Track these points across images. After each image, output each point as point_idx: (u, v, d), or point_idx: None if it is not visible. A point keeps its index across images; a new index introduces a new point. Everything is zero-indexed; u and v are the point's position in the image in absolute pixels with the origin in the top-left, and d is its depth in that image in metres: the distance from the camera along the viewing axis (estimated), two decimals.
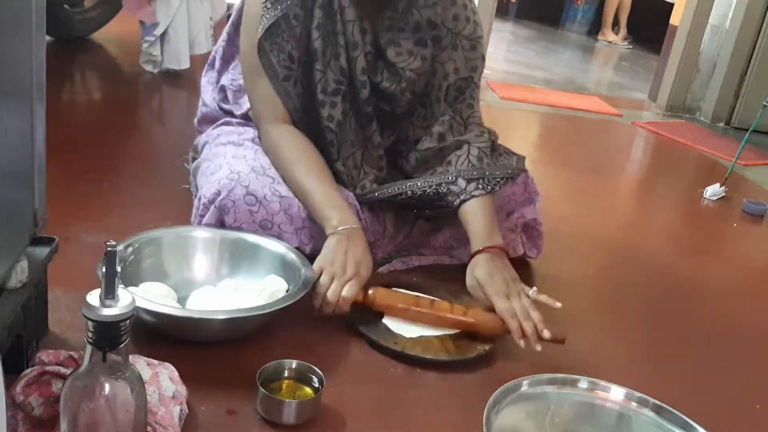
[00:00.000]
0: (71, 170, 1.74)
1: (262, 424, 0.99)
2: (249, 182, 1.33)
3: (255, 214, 1.33)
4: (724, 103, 3.80)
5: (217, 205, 1.32)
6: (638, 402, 1.12)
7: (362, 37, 1.40)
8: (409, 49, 1.44)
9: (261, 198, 1.33)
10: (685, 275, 1.81)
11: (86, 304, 0.70)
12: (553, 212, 1.63)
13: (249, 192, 1.32)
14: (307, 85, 1.42)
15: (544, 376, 1.11)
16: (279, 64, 1.38)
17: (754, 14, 3.64)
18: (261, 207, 1.33)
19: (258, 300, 1.19)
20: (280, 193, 1.35)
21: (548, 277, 1.62)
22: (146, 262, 1.23)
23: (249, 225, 1.33)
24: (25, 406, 0.85)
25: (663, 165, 3.02)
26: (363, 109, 1.46)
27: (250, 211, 1.32)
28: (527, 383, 1.08)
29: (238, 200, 1.31)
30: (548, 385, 1.11)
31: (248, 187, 1.32)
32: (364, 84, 1.42)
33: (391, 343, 1.21)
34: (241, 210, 1.32)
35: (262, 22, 1.35)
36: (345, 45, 1.39)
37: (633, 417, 1.11)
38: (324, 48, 1.38)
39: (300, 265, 1.26)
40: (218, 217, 1.33)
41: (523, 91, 3.83)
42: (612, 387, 1.13)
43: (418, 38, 1.44)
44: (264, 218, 1.33)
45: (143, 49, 2.75)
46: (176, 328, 1.12)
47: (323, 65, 1.39)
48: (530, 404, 1.07)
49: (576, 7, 7.16)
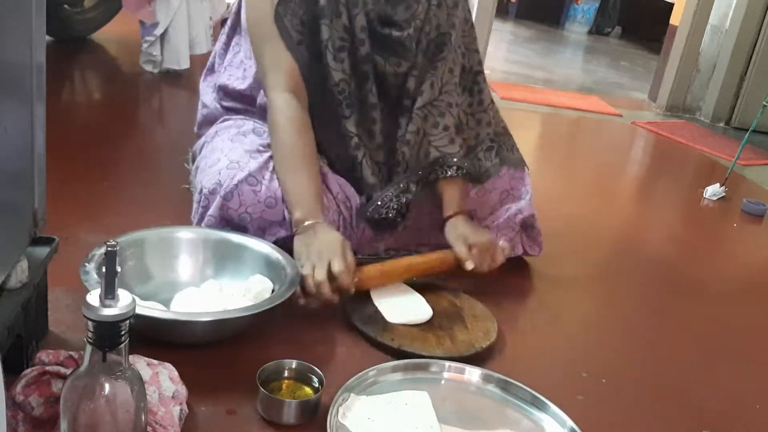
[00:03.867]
0: (71, 170, 1.74)
1: (262, 424, 0.99)
2: (248, 166, 1.36)
3: (258, 193, 1.35)
4: (724, 103, 3.81)
5: (221, 195, 1.33)
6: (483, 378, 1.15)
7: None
8: (408, 4, 1.46)
9: (261, 178, 1.35)
10: (684, 275, 1.81)
11: (86, 304, 0.70)
12: (553, 212, 1.63)
13: (250, 174, 1.35)
14: (312, 47, 1.43)
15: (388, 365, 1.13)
16: (293, 29, 1.40)
17: (754, 14, 3.65)
18: (262, 186, 1.35)
19: (243, 300, 1.19)
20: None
21: (548, 277, 1.62)
22: (129, 264, 1.21)
23: (254, 206, 1.34)
24: (25, 406, 0.85)
25: (663, 165, 3.02)
26: (360, 66, 1.47)
27: (253, 191, 1.34)
28: (374, 373, 1.10)
29: (241, 183, 1.34)
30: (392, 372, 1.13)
31: (248, 171, 1.35)
32: (362, 42, 1.44)
33: (388, 339, 1.21)
34: (244, 192, 1.34)
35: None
36: (346, 3, 1.41)
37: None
38: (327, 5, 1.40)
39: (285, 264, 1.25)
40: (222, 207, 1.34)
41: (524, 91, 3.83)
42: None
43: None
44: (268, 196, 1.35)
45: (143, 49, 2.75)
46: (161, 331, 1.10)
47: (328, 20, 1.41)
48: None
49: (576, 6, 7.16)
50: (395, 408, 1.03)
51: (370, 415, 1.00)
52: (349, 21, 1.42)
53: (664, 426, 1.17)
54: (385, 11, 1.45)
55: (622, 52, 6.29)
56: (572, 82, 4.49)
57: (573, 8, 7.19)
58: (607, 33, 7.27)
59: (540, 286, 1.59)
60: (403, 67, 1.49)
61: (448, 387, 1.13)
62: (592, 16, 7.14)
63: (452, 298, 1.38)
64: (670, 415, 1.20)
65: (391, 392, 1.07)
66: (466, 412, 1.08)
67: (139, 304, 1.06)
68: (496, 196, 1.57)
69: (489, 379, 1.14)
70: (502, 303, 1.43)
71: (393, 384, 1.10)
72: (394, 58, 1.48)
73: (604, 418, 1.15)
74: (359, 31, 1.43)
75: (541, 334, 1.40)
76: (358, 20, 1.43)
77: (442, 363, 1.16)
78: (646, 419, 1.17)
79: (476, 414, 1.08)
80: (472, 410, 1.09)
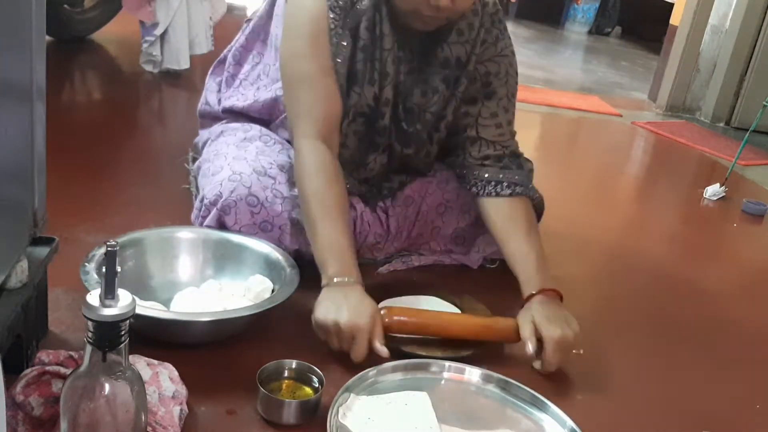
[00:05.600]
0: (71, 170, 1.74)
1: (262, 424, 0.99)
2: (251, 183, 1.32)
3: (256, 215, 1.32)
4: (724, 103, 3.81)
5: (218, 208, 1.31)
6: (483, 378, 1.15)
7: (394, 67, 1.37)
8: (434, 87, 1.41)
9: (263, 200, 1.32)
10: (684, 275, 1.81)
11: (86, 304, 0.70)
12: (553, 212, 1.63)
13: (251, 193, 1.31)
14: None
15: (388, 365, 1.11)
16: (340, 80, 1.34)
17: (754, 14, 3.64)
18: (263, 208, 1.32)
19: (243, 300, 1.18)
20: (282, 194, 1.33)
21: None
22: (129, 264, 1.20)
23: (249, 227, 1.32)
24: (25, 406, 0.85)
25: (663, 165, 3.02)
26: (375, 138, 1.44)
27: (251, 212, 1.31)
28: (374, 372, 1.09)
29: (240, 201, 1.30)
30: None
31: (250, 188, 1.31)
32: (383, 115, 1.40)
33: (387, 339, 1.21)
34: (242, 211, 1.31)
35: (339, 51, 1.31)
36: (380, 72, 1.37)
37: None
38: (363, 70, 1.35)
39: (285, 264, 1.25)
40: (219, 219, 1.33)
41: (524, 91, 3.81)
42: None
43: (443, 75, 1.41)
44: (264, 220, 1.32)
45: (143, 49, 2.75)
46: (161, 331, 1.10)
47: (360, 87, 1.36)
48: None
49: (576, 6, 7.16)
50: (395, 408, 1.03)
51: (370, 415, 1.00)
52: (380, 90, 1.38)
53: (664, 426, 1.17)
54: (405, 92, 1.41)
55: (622, 52, 6.28)
56: (572, 82, 4.49)
57: (573, 8, 7.19)
58: (607, 33, 7.26)
59: None
60: (412, 149, 1.47)
61: (448, 387, 1.13)
62: (592, 16, 7.14)
63: (452, 298, 1.38)
64: (670, 415, 1.20)
65: (391, 392, 1.07)
66: (466, 412, 1.08)
67: (139, 304, 1.06)
68: None
69: (489, 379, 1.14)
70: (502, 303, 1.43)
71: (393, 384, 1.10)
72: (404, 139, 1.46)
73: (604, 418, 1.15)
74: (383, 104, 1.39)
75: None
76: (385, 93, 1.38)
77: (442, 363, 1.16)
78: (646, 419, 1.17)
79: (476, 414, 1.08)
80: (472, 410, 1.09)
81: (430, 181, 1.54)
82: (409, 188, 1.53)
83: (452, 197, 1.53)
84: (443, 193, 1.53)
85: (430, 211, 1.53)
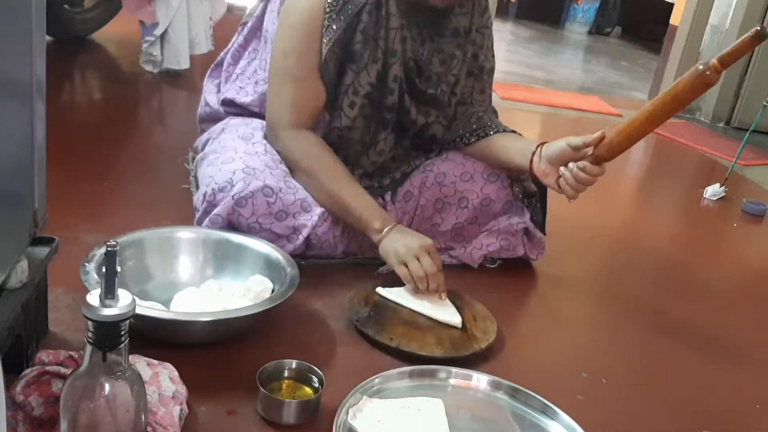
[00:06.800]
0: (71, 170, 1.74)
1: (262, 424, 0.99)
2: (265, 177, 1.35)
3: (272, 205, 1.35)
4: (724, 103, 3.81)
5: (233, 198, 1.32)
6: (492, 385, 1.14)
7: (402, 45, 1.43)
8: (451, 53, 1.49)
9: (277, 190, 1.35)
10: (684, 275, 1.81)
11: (86, 304, 0.70)
12: (553, 212, 1.63)
13: (266, 185, 1.35)
14: (330, 87, 1.43)
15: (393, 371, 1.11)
16: (333, 70, 1.41)
17: (754, 14, 3.65)
18: (278, 198, 1.35)
19: (243, 300, 1.19)
20: (295, 185, 1.39)
21: (548, 277, 1.62)
22: (129, 264, 1.21)
23: (266, 217, 1.34)
24: (25, 406, 0.85)
25: (663, 165, 3.02)
26: (384, 115, 1.48)
27: (267, 203, 1.34)
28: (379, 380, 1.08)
29: (257, 192, 1.33)
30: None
31: (265, 181, 1.35)
32: (392, 91, 1.45)
33: (387, 339, 1.22)
34: (258, 201, 1.33)
35: (328, 34, 1.37)
36: (384, 50, 1.42)
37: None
38: (362, 51, 1.40)
39: (285, 264, 1.25)
40: (232, 211, 1.33)
41: (524, 91, 3.83)
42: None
43: (457, 43, 1.50)
44: (280, 209, 1.35)
45: (143, 49, 2.75)
46: (161, 331, 1.10)
47: (358, 68, 1.41)
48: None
49: (576, 6, 7.16)
50: (407, 413, 1.02)
51: (380, 419, 1.00)
52: (383, 68, 1.43)
53: (664, 426, 1.17)
54: (422, 63, 1.48)
55: (622, 52, 6.29)
56: (572, 82, 4.49)
57: (573, 8, 7.19)
58: (607, 33, 7.27)
59: (540, 286, 1.59)
60: (433, 116, 1.53)
61: (456, 394, 1.12)
62: (592, 16, 7.14)
63: (452, 298, 1.38)
64: (670, 415, 1.20)
65: (407, 397, 1.06)
66: (478, 421, 1.07)
67: (139, 304, 1.06)
68: (499, 205, 1.57)
69: (498, 386, 1.13)
70: (502, 303, 1.43)
71: (406, 390, 1.09)
72: (423, 107, 1.52)
73: (604, 418, 1.15)
74: (391, 81, 1.44)
75: (540, 334, 1.40)
76: (393, 70, 1.43)
77: (449, 369, 1.14)
78: (646, 419, 1.17)
79: (488, 424, 1.07)
80: (484, 420, 1.07)
81: (427, 176, 1.56)
82: (408, 183, 1.56)
83: (449, 192, 1.55)
84: (440, 188, 1.55)
85: (428, 206, 1.56)
